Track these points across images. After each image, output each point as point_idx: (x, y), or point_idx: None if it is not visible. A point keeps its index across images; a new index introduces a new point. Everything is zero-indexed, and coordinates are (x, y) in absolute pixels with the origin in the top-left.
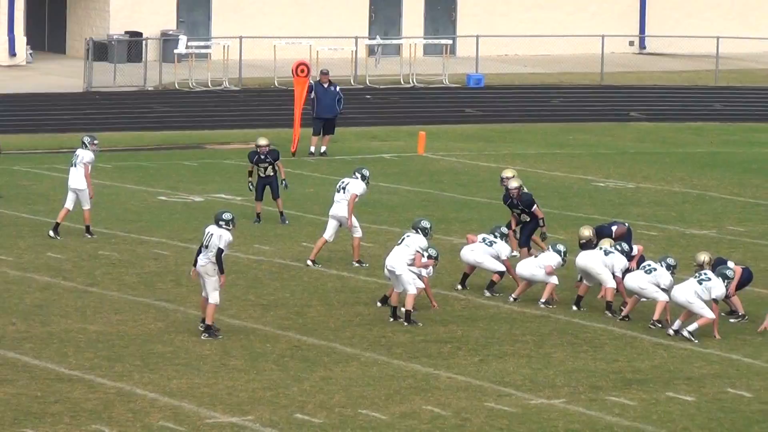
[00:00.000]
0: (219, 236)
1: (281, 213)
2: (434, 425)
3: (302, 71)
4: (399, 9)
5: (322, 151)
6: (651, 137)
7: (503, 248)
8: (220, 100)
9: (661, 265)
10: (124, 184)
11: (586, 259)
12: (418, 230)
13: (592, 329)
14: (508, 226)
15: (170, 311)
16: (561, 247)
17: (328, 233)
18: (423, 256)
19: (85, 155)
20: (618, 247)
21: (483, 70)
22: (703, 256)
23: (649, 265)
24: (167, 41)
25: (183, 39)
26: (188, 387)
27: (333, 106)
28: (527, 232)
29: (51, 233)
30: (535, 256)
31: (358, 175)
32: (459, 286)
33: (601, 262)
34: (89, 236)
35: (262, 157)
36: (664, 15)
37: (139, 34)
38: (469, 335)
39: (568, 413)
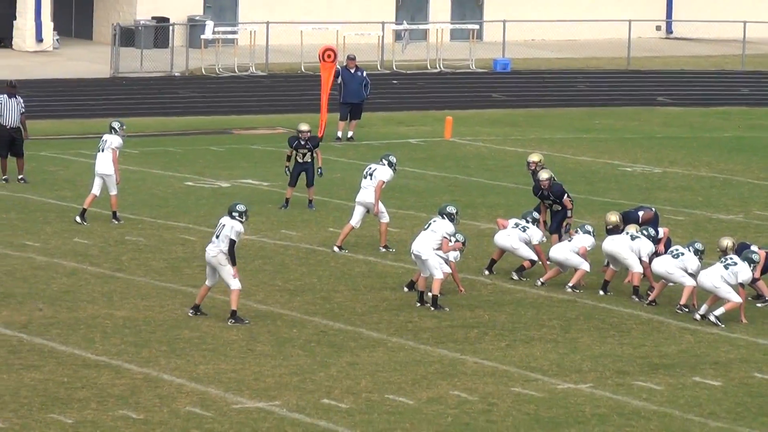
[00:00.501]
0: (231, 227)
1: (310, 201)
2: (461, 410)
3: (329, 56)
4: None
5: (349, 136)
6: (678, 122)
7: (535, 233)
8: (246, 85)
9: (689, 250)
10: (150, 169)
11: (612, 245)
12: (444, 216)
13: (618, 314)
14: (538, 210)
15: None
16: (589, 227)
17: (355, 219)
18: (450, 241)
19: (113, 140)
20: (644, 231)
21: (510, 55)
22: (726, 241)
23: (677, 250)
24: (194, 27)
25: (210, 24)
26: (215, 372)
27: (360, 92)
28: (558, 219)
29: (78, 219)
30: (569, 240)
31: (385, 162)
32: (486, 272)
33: (628, 247)
34: (116, 222)
35: (302, 143)
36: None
37: (166, 20)
38: (495, 320)
39: (595, 398)
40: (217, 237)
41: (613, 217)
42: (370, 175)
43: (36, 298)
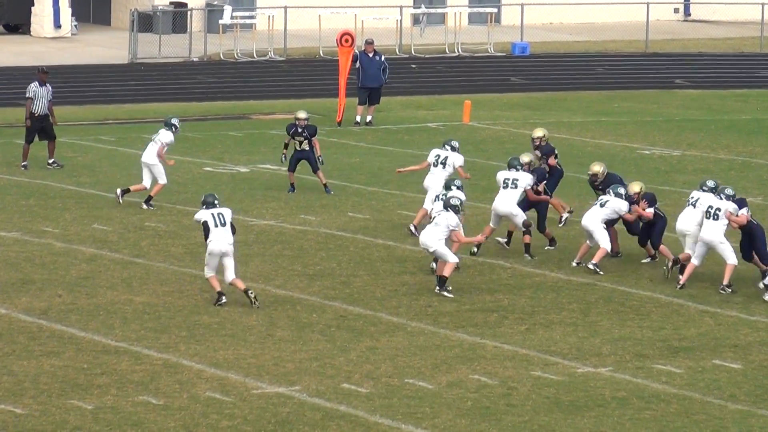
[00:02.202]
0: (229, 213)
1: (325, 185)
2: (481, 394)
3: (347, 41)
4: None
5: (368, 120)
6: (696, 104)
7: (523, 177)
8: (265, 70)
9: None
10: (169, 155)
11: (585, 219)
12: (449, 208)
13: (638, 297)
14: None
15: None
16: (621, 190)
17: (428, 204)
18: (461, 232)
19: (165, 136)
20: (613, 191)
21: (528, 39)
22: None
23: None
24: (212, 12)
25: (228, 9)
26: (234, 358)
27: (378, 76)
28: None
29: (144, 206)
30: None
31: (451, 147)
32: (504, 242)
33: (599, 220)
34: (146, 207)
35: (299, 130)
36: None
37: (184, 5)
38: (515, 304)
39: (615, 381)
40: (223, 225)
41: (597, 167)
42: (442, 163)
43: (55, 284)
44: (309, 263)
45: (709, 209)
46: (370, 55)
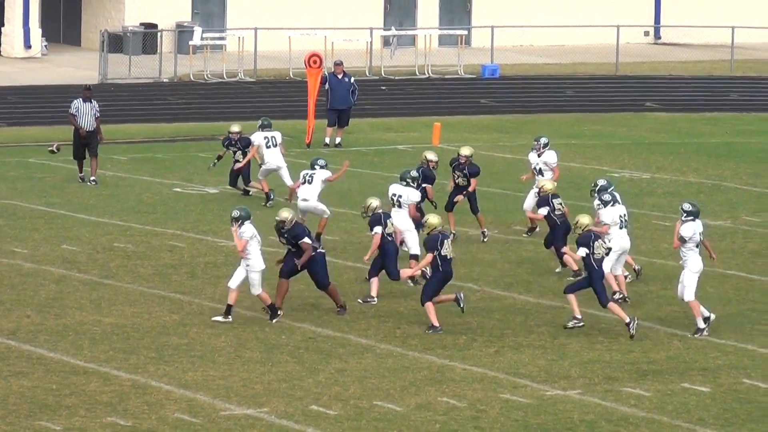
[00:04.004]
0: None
1: (245, 191)
2: (450, 417)
3: (314, 62)
4: None
5: (337, 142)
6: (666, 128)
7: (412, 193)
8: (235, 91)
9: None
10: (139, 176)
11: None
12: (407, 180)
13: (607, 320)
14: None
15: (185, 303)
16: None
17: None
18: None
19: (277, 135)
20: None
21: (498, 61)
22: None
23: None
24: (182, 33)
25: (198, 30)
26: (203, 379)
27: (347, 97)
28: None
29: (268, 204)
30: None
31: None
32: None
33: None
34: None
35: (234, 143)
36: (679, 5)
37: (154, 26)
38: (484, 326)
39: (584, 404)
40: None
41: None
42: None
43: (24, 304)
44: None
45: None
46: (339, 76)
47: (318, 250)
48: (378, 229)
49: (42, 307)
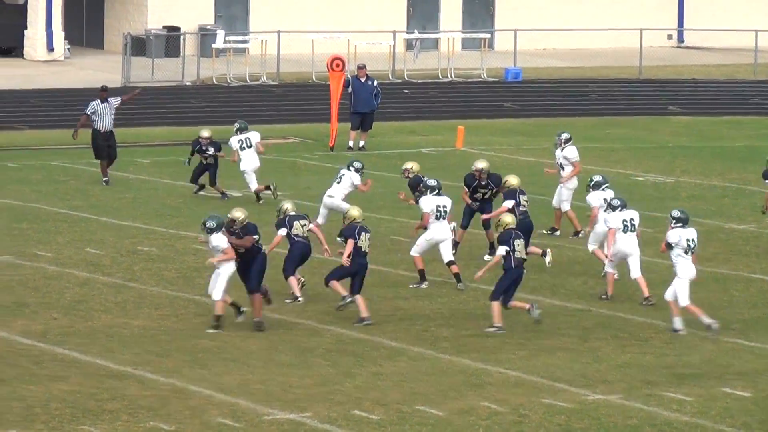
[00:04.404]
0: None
1: (223, 193)
2: (492, 421)
3: (337, 66)
4: (437, 3)
5: (360, 145)
6: (689, 131)
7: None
8: (257, 94)
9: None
10: (161, 179)
11: None
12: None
13: (634, 323)
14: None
15: (211, 306)
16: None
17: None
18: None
19: (254, 136)
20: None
21: (521, 64)
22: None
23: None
24: (205, 36)
25: (221, 34)
26: (241, 383)
27: (370, 101)
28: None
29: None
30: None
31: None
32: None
33: None
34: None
35: (204, 148)
36: (703, 8)
37: (177, 29)
38: (512, 329)
39: (626, 409)
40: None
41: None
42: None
43: (50, 308)
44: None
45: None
46: (362, 80)
47: (262, 251)
48: (282, 231)
49: (68, 309)
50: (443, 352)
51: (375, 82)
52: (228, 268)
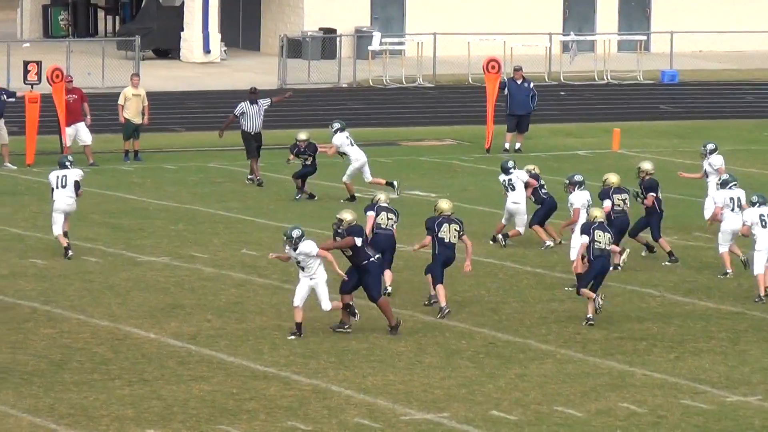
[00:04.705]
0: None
1: (310, 194)
2: (630, 422)
3: (493, 68)
4: (593, 5)
5: (516, 147)
6: None
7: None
8: (413, 96)
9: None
10: (319, 181)
11: None
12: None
13: None
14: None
15: (364, 308)
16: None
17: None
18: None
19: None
20: None
21: (677, 66)
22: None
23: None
24: (361, 38)
25: (377, 36)
26: (383, 384)
27: (527, 103)
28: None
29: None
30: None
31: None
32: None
33: None
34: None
35: (302, 150)
36: None
37: (333, 31)
38: (664, 332)
39: (765, 410)
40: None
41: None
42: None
43: (204, 309)
44: (457, 290)
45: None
46: (519, 82)
47: (372, 260)
48: (371, 213)
49: (222, 311)
50: (591, 354)
51: (531, 84)
52: (322, 276)
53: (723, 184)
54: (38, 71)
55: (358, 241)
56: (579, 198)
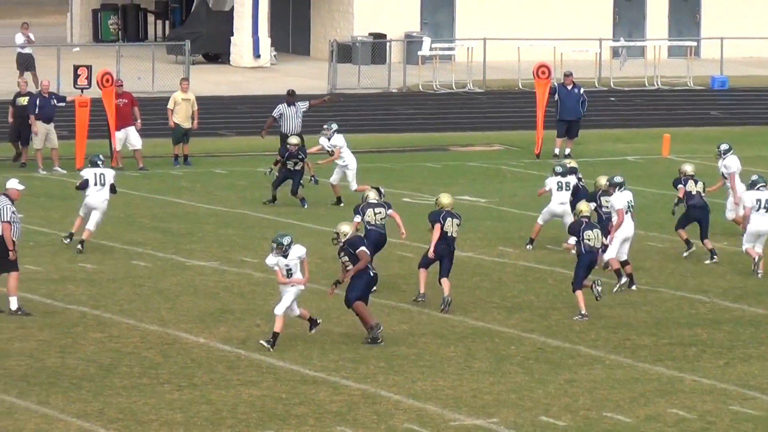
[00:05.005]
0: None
1: (302, 199)
2: (679, 428)
3: (543, 73)
4: (643, 10)
5: (566, 153)
6: None
7: None
8: (463, 102)
9: None
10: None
11: None
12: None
13: None
14: None
15: (414, 313)
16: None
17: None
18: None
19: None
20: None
21: (727, 72)
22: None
23: None
24: (411, 43)
25: (427, 41)
26: (432, 389)
27: (577, 108)
28: None
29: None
30: None
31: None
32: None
33: None
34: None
35: (293, 153)
36: None
37: (383, 36)
38: (714, 338)
39: None
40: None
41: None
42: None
43: (253, 314)
44: (507, 295)
45: None
46: (569, 87)
47: (371, 272)
48: (357, 218)
49: (272, 316)
50: (641, 360)
51: (581, 90)
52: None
53: (752, 185)
54: (88, 75)
55: (367, 255)
56: (620, 199)
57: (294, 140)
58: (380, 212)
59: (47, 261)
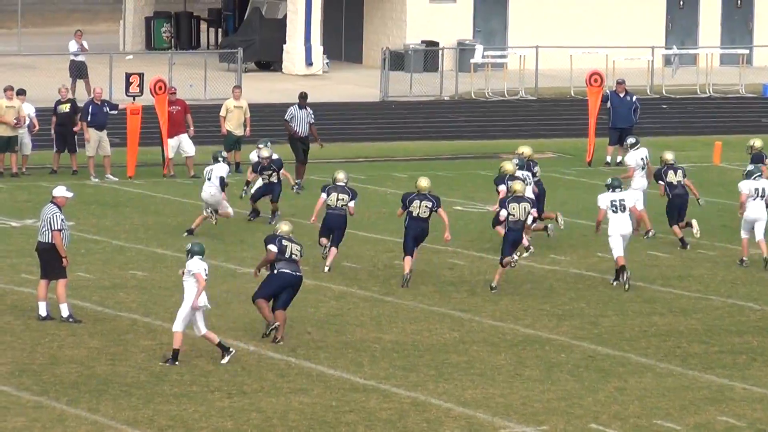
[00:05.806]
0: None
1: (273, 212)
2: None
3: (595, 81)
4: (696, 18)
5: (618, 161)
6: None
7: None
8: (515, 110)
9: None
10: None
11: None
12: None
13: None
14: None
15: (465, 321)
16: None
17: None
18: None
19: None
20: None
21: None
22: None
23: None
24: (463, 51)
25: (479, 49)
26: (483, 397)
27: (629, 116)
28: None
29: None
30: None
31: None
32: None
33: None
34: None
35: (266, 166)
36: None
37: (436, 44)
38: (764, 346)
39: None
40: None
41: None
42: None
43: (304, 321)
44: (557, 303)
45: None
46: (621, 95)
47: (282, 271)
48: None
49: (322, 323)
50: (691, 368)
51: (634, 98)
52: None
53: (748, 175)
54: (140, 83)
55: (273, 249)
56: (633, 157)
57: (265, 153)
58: (343, 198)
59: (98, 268)
